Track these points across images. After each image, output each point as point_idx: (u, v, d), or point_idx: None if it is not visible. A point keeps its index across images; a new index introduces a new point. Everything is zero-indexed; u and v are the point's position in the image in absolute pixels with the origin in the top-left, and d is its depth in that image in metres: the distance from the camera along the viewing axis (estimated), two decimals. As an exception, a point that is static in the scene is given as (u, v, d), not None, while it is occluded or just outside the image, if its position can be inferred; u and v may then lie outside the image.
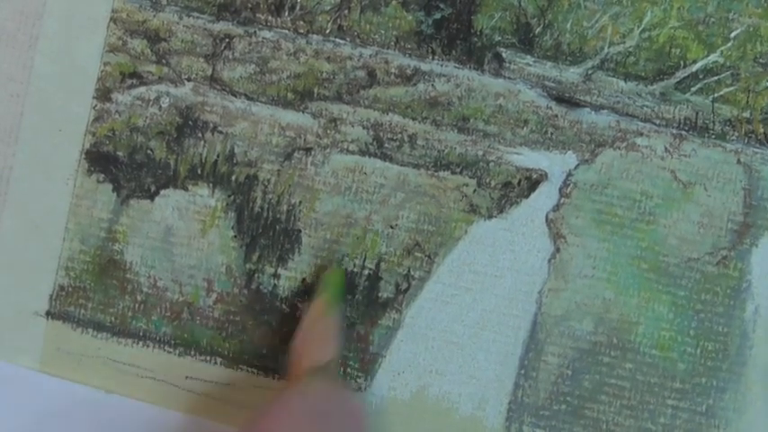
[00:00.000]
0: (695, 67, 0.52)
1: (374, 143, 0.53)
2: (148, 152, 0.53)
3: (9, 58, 0.54)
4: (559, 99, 0.52)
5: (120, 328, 0.54)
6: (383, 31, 0.53)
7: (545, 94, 0.52)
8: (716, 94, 0.52)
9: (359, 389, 0.52)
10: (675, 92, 0.52)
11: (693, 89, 0.52)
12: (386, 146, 0.53)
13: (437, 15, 0.52)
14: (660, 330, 0.51)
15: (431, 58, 0.52)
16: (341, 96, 0.53)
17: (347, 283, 0.52)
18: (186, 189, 0.53)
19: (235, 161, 0.53)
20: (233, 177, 0.53)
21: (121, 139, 0.54)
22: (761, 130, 0.52)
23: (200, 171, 0.53)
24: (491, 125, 0.52)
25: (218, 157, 0.53)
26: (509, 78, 0.52)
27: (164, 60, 0.53)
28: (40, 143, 0.54)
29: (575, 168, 0.52)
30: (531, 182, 0.52)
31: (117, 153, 0.54)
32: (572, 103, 0.52)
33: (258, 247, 0.53)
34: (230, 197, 0.53)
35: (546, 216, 0.52)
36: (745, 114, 0.52)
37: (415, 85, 0.52)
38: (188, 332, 0.53)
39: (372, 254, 0.53)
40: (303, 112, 0.53)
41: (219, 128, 0.53)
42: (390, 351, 0.52)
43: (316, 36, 0.53)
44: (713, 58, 0.52)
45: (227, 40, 0.53)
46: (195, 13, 0.53)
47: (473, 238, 0.52)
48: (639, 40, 0.52)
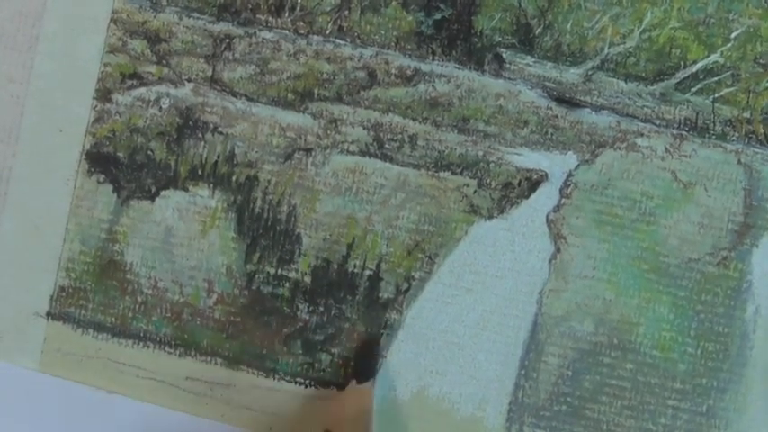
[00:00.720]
0: (695, 68, 0.52)
1: (374, 144, 0.53)
2: (149, 153, 0.53)
3: (9, 58, 0.54)
4: (560, 100, 0.52)
5: (121, 329, 0.53)
6: (383, 32, 0.53)
7: (545, 95, 0.52)
8: (716, 95, 0.52)
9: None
10: (676, 92, 0.52)
11: (694, 90, 0.52)
12: (386, 146, 0.52)
13: (437, 16, 0.52)
14: (661, 331, 0.51)
15: (431, 58, 0.52)
16: (341, 97, 0.53)
17: (347, 284, 0.52)
18: (186, 190, 0.53)
19: (235, 162, 0.53)
20: (233, 178, 0.53)
21: (122, 140, 0.54)
22: (761, 131, 0.52)
23: (200, 172, 0.53)
24: (491, 126, 0.52)
25: (218, 157, 0.53)
26: (509, 79, 0.52)
27: (164, 61, 0.53)
28: (41, 144, 0.54)
29: (575, 169, 0.52)
30: (532, 182, 0.52)
31: (117, 154, 0.53)
32: (572, 104, 0.52)
33: (258, 247, 0.53)
34: (231, 198, 0.53)
35: (546, 216, 0.52)
36: (746, 115, 0.52)
37: (415, 85, 0.52)
38: (188, 333, 0.53)
39: (373, 254, 0.53)
40: (303, 113, 0.53)
41: (220, 129, 0.53)
42: (391, 351, 0.52)
43: (316, 37, 0.53)
44: (713, 58, 0.52)
45: (227, 40, 0.53)
46: (195, 14, 0.53)
47: (473, 238, 0.52)
48: (640, 40, 0.52)
